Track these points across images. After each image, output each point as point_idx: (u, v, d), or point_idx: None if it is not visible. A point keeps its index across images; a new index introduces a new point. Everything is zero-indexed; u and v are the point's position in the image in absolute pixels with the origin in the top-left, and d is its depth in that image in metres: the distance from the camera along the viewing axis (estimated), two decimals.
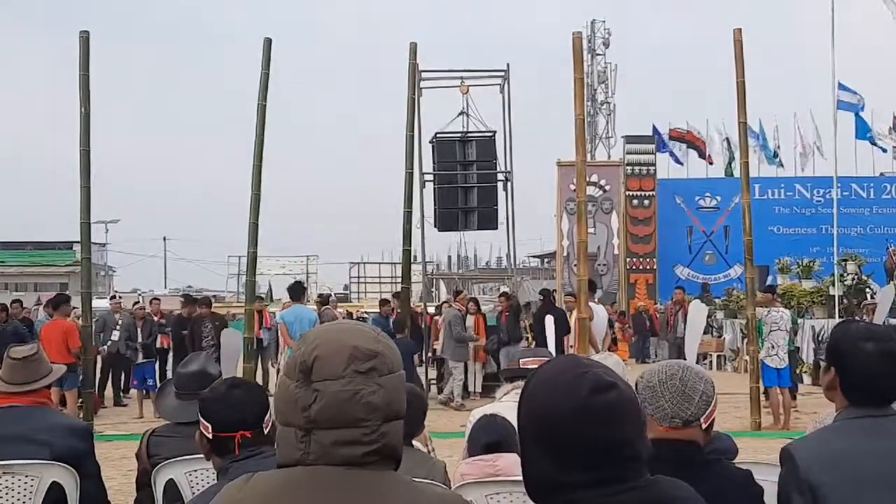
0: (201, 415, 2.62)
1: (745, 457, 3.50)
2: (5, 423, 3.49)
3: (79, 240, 11.70)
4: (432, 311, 17.02)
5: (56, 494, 3.40)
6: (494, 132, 17.14)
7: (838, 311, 16.43)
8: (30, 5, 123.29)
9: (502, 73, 17.50)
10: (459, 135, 16.91)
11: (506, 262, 22.95)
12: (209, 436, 2.58)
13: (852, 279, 17.34)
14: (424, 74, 16.18)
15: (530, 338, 14.18)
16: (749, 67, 11.46)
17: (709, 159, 30.35)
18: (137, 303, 16.63)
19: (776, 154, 30.65)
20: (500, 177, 17.08)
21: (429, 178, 16.78)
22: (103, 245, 48.86)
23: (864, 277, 17.64)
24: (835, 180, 19.16)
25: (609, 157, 33.60)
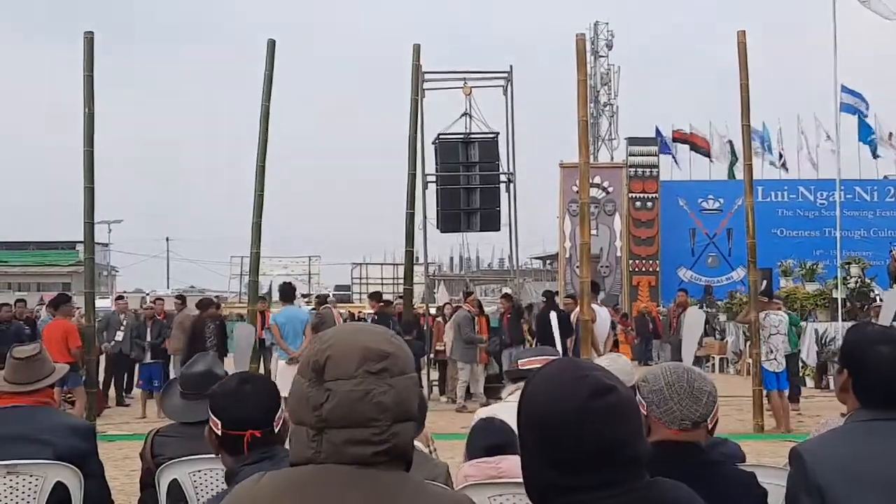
0: (211, 410, 2.54)
1: (749, 459, 3.50)
2: (8, 422, 3.47)
3: (82, 240, 11.73)
4: (434, 311, 17.01)
5: (60, 494, 3.39)
6: (497, 133, 17.15)
7: (841, 314, 16.40)
8: (31, 5, 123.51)
9: (505, 75, 17.51)
10: (462, 136, 16.92)
11: (508, 263, 22.90)
12: (218, 432, 2.50)
13: (856, 282, 17.31)
14: (427, 76, 16.20)
15: (532, 341, 14.15)
16: (752, 69, 11.44)
17: (712, 156, 30.23)
18: (153, 301, 16.42)
19: (780, 156, 30.61)
20: (502, 178, 17.09)
21: (431, 179, 16.79)
22: (106, 245, 48.88)
23: (868, 280, 17.62)
24: (838, 183, 19.10)
25: (612, 159, 33.56)
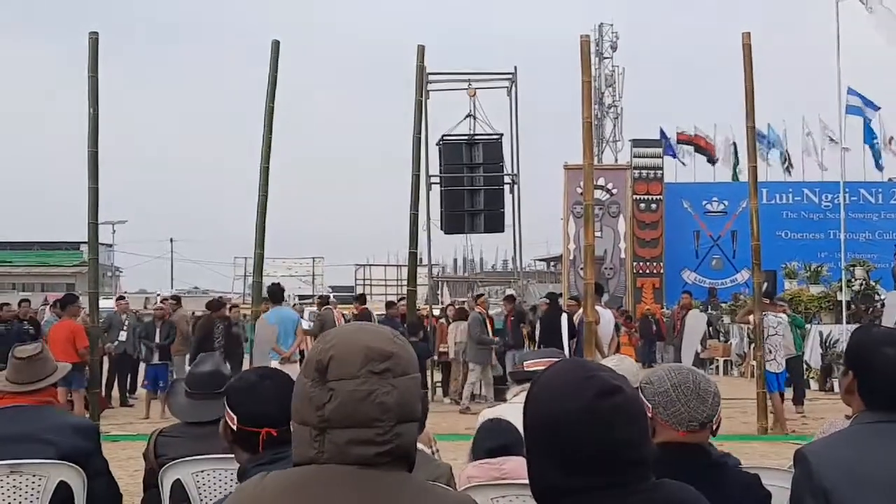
0: (227, 404, 2.49)
1: (753, 461, 3.49)
2: (11, 422, 3.47)
3: (86, 240, 11.76)
4: (437, 313, 17.02)
5: (63, 494, 3.39)
6: (501, 135, 17.15)
7: (846, 316, 16.38)
8: (34, 5, 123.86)
9: (509, 76, 17.53)
10: (466, 137, 16.94)
11: (512, 265, 22.93)
12: (234, 427, 2.45)
13: (860, 284, 17.28)
14: (432, 77, 16.20)
15: (532, 345, 14.12)
16: (757, 71, 11.43)
17: (716, 157, 30.18)
18: (162, 301, 16.36)
19: (785, 159, 30.55)
20: (506, 179, 17.10)
21: (435, 180, 16.80)
22: (110, 246, 48.94)
23: (872, 283, 17.60)
24: (842, 185, 19.09)
25: (616, 161, 33.60)
